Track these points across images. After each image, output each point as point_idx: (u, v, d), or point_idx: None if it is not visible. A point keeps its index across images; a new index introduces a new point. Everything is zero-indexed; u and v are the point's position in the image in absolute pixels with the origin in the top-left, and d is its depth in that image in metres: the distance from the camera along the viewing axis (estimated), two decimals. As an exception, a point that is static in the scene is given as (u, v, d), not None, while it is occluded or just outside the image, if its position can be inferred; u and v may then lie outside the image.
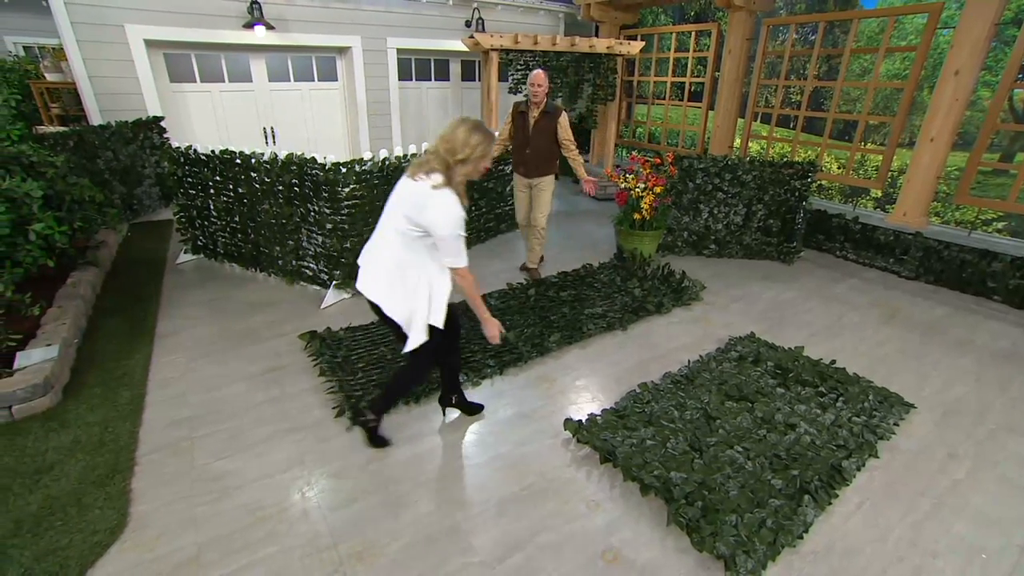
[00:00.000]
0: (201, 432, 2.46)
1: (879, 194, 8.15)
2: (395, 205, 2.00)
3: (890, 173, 5.32)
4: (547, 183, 4.05)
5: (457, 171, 1.92)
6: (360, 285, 2.11)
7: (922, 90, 6.67)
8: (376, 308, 2.09)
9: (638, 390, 2.78)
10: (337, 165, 3.49)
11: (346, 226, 3.63)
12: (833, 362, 3.09)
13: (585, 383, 2.93)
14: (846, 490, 2.18)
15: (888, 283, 4.53)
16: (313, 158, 3.56)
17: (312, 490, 2.14)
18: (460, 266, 1.98)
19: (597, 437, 2.35)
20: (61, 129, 5.25)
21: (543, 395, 2.81)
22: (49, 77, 6.11)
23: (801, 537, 1.93)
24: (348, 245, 3.68)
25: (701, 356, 3.12)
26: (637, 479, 2.11)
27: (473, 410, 2.61)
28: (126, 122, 5.33)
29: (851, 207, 5.46)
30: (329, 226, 3.65)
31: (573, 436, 2.43)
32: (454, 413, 2.63)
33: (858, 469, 2.27)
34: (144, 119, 5.49)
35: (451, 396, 2.56)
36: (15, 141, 3.81)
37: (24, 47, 8.50)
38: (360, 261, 2.14)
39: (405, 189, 1.97)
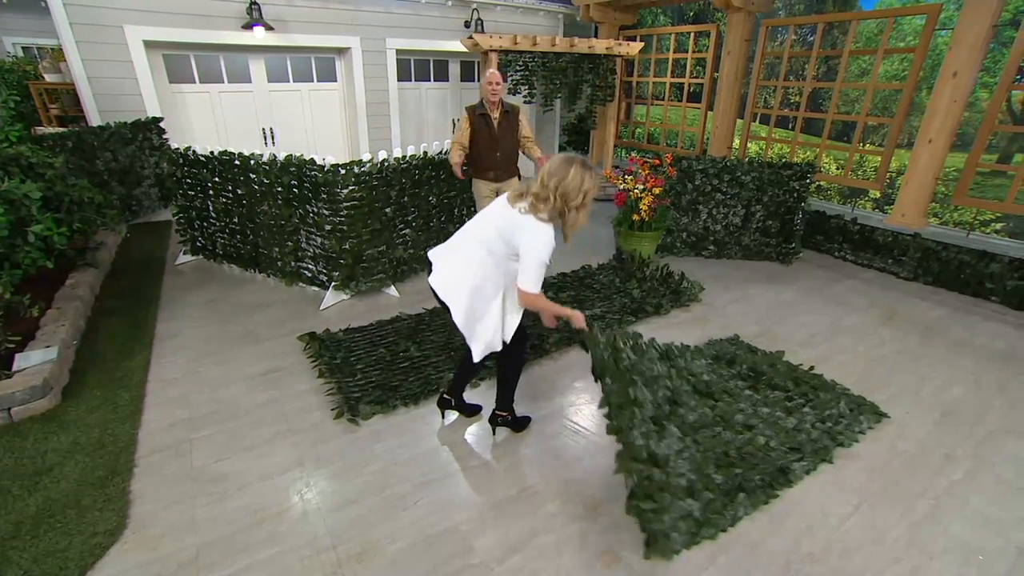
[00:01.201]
0: (201, 433, 2.46)
1: (878, 195, 8.16)
2: (488, 218, 2.02)
3: (889, 174, 5.34)
4: (515, 184, 4.02)
5: (570, 217, 1.89)
6: (433, 281, 2.11)
7: (921, 91, 6.68)
8: (445, 307, 2.11)
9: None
10: (336, 166, 3.49)
11: (345, 227, 3.63)
12: (812, 368, 3.03)
13: (583, 384, 2.93)
14: (789, 491, 2.17)
15: (886, 284, 4.54)
16: (312, 159, 3.56)
17: (311, 491, 2.14)
18: (532, 292, 1.92)
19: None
20: (60, 130, 5.25)
21: (542, 396, 2.82)
22: (48, 78, 6.11)
23: (725, 530, 1.96)
24: (347, 246, 3.69)
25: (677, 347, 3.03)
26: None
27: (471, 411, 2.62)
28: (125, 123, 5.32)
29: (850, 208, 5.47)
30: (328, 227, 3.66)
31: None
32: (452, 415, 2.63)
33: (807, 473, 2.25)
34: (143, 120, 5.48)
35: (451, 400, 2.56)
36: (14, 142, 3.80)
37: (23, 48, 8.49)
38: (432, 257, 2.15)
39: (504, 208, 1.96)
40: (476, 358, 2.11)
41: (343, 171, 3.50)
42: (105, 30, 5.20)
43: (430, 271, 2.14)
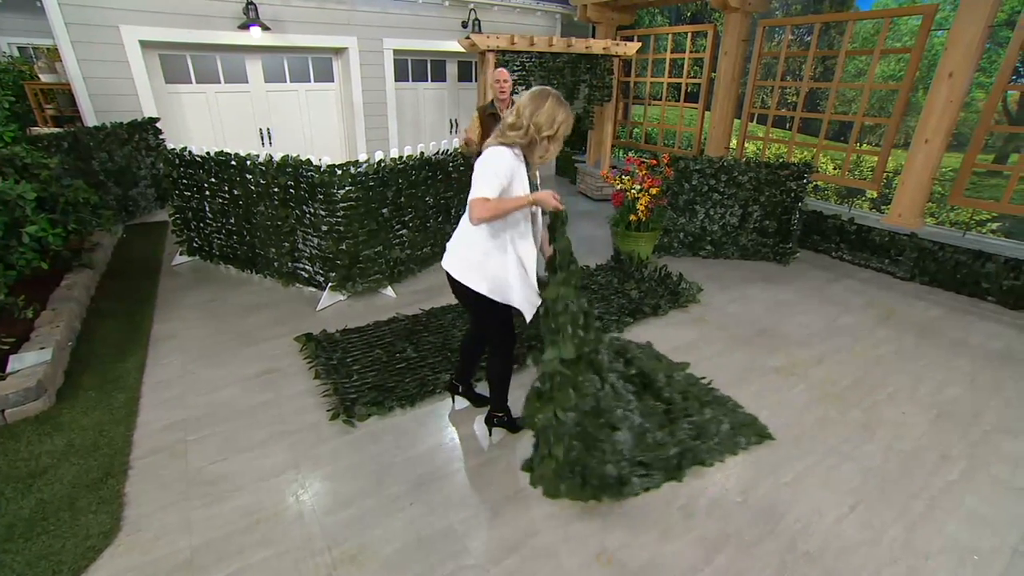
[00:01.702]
0: (196, 435, 2.45)
1: (875, 195, 8.18)
2: None
3: (885, 174, 5.34)
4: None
5: (540, 148, 1.88)
6: (445, 264, 2.13)
7: (917, 91, 6.69)
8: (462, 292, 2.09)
9: None
10: (332, 167, 3.48)
11: (341, 228, 3.63)
12: (710, 382, 2.92)
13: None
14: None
15: (883, 284, 4.55)
16: (308, 160, 3.55)
17: (307, 493, 2.13)
18: (481, 196, 1.79)
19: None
20: (55, 130, 5.23)
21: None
22: (43, 78, 6.09)
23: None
24: (344, 247, 3.68)
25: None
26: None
27: (481, 402, 2.64)
28: (121, 123, 5.31)
29: (847, 208, 5.48)
30: (324, 228, 3.65)
31: None
32: (462, 403, 2.67)
33: (645, 490, 2.15)
34: (139, 120, 5.47)
35: (459, 386, 2.61)
36: (8, 143, 3.80)
37: (19, 48, 8.47)
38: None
39: None
40: (528, 318, 2.06)
41: (339, 172, 3.50)
42: (100, 30, 5.19)
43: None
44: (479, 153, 3.90)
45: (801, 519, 2.06)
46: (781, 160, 4.95)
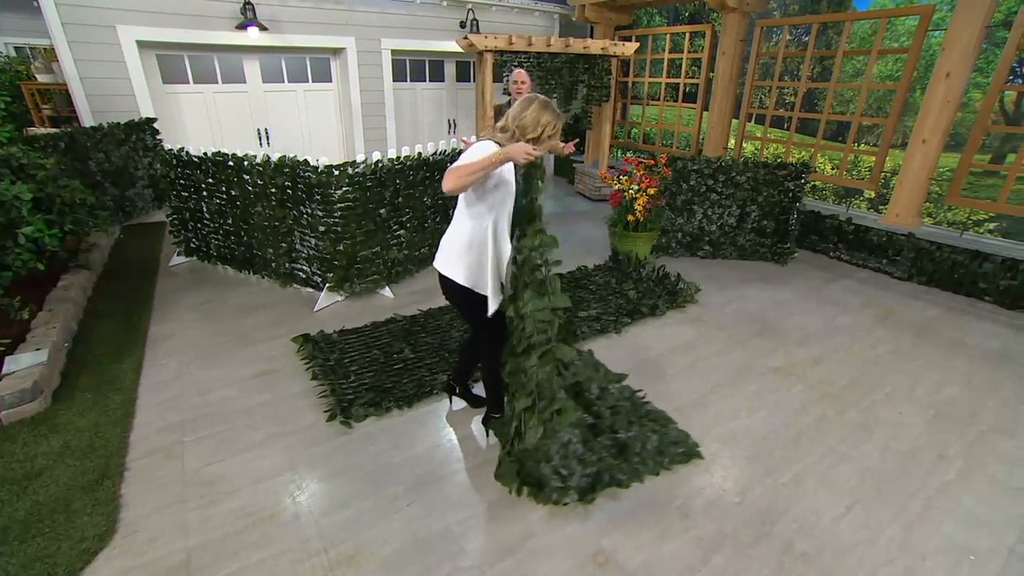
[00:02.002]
0: (192, 436, 2.45)
1: (872, 195, 8.19)
2: None
3: (883, 174, 5.35)
4: None
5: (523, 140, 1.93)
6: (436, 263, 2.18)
7: (914, 91, 6.71)
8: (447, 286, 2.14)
9: None
10: (330, 168, 3.47)
11: (339, 228, 3.62)
12: (644, 395, 2.80)
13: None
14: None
15: (881, 284, 4.55)
16: (305, 160, 3.54)
17: (303, 494, 2.13)
18: (451, 168, 1.83)
19: None
20: (52, 131, 5.22)
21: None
22: (40, 78, 6.08)
23: None
24: (341, 247, 3.67)
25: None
26: None
27: (478, 403, 2.65)
28: (118, 123, 5.29)
29: (844, 208, 5.48)
30: (322, 228, 3.64)
31: None
32: (460, 404, 2.68)
33: (556, 503, 2.07)
34: (137, 120, 5.46)
35: (456, 386, 2.63)
36: (4, 143, 3.78)
37: (15, 48, 8.45)
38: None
39: None
40: (491, 310, 2.09)
41: (337, 172, 3.49)
42: (97, 30, 5.18)
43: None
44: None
45: (798, 519, 2.06)
46: (779, 160, 4.95)
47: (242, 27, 5.68)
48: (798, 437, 2.55)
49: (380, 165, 3.74)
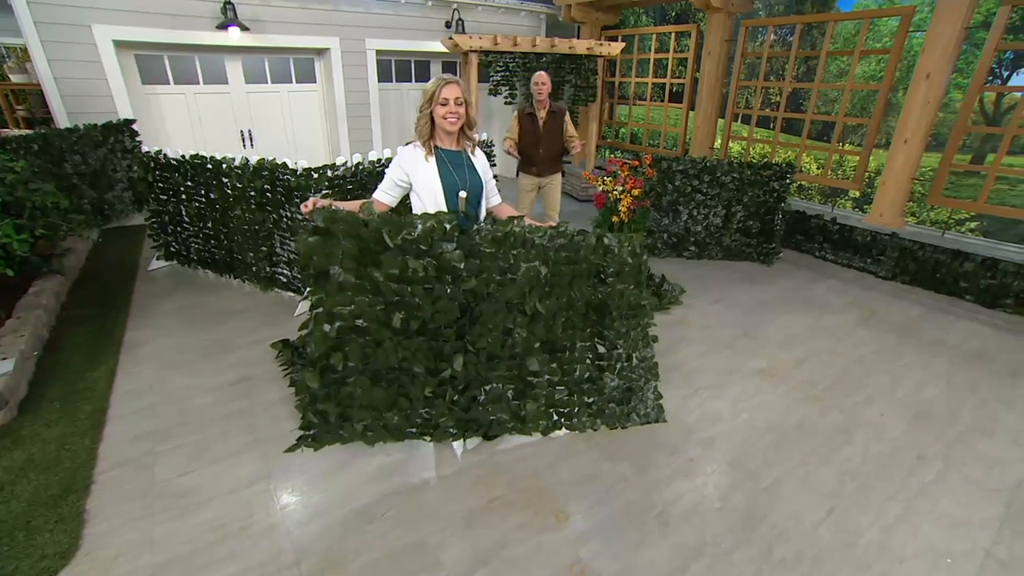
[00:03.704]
0: (165, 446, 2.39)
1: (857, 194, 8.25)
2: None
3: (867, 174, 5.38)
4: (557, 180, 4.35)
5: (426, 118, 2.09)
6: None
7: (897, 92, 6.76)
8: None
9: None
10: (308, 171, 3.42)
11: (319, 231, 3.56)
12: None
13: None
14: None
15: (866, 284, 4.58)
16: (284, 163, 3.49)
17: (277, 505, 2.08)
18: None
19: None
20: (25, 132, 5.09)
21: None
22: (13, 78, 5.94)
23: None
24: (322, 251, 3.61)
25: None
26: None
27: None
28: (95, 125, 5.18)
29: (830, 208, 5.51)
30: (302, 232, 3.58)
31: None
32: (475, 440, 2.50)
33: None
34: (115, 122, 5.35)
35: None
36: (-28, 146, 3.68)
37: (-8, 47, 8.26)
38: None
39: None
40: None
41: (316, 175, 3.44)
42: (72, 29, 5.07)
43: None
44: (521, 153, 3.92)
45: (778, 525, 2.05)
46: (765, 160, 4.96)
47: (223, 27, 5.59)
48: (780, 440, 2.54)
49: (360, 168, 3.69)
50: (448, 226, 1.92)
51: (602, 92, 7.41)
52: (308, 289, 1.82)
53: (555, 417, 2.43)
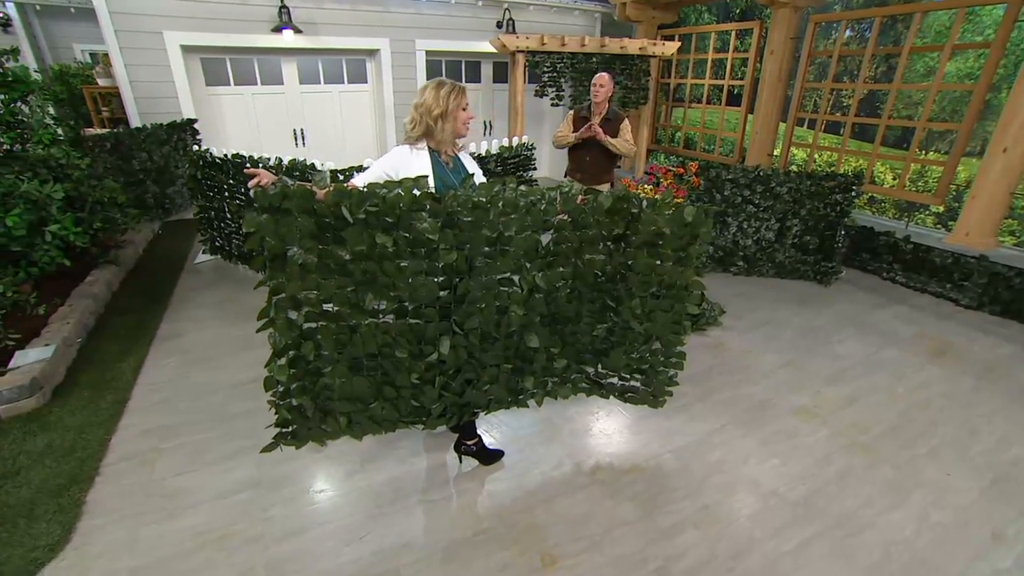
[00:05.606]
0: (170, 443, 2.44)
1: (941, 209, 7.32)
2: None
3: (954, 186, 4.73)
4: (605, 191, 3.95)
5: (439, 128, 1.92)
6: None
7: (999, 92, 5.91)
8: None
9: None
10: (335, 172, 3.43)
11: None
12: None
13: (581, 428, 2.70)
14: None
15: (942, 312, 4.00)
16: (313, 164, 3.53)
17: (260, 516, 2.05)
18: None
19: None
20: (101, 131, 5.54)
21: (537, 437, 2.62)
22: (100, 82, 6.49)
23: None
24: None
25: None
26: None
27: (491, 458, 2.35)
28: (161, 124, 5.55)
29: (903, 224, 4.90)
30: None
31: None
32: (471, 463, 2.35)
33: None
34: (178, 121, 5.71)
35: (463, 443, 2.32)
36: (48, 144, 4.02)
37: (91, 54, 9.14)
38: None
39: None
40: None
41: (342, 177, 3.44)
42: (146, 36, 5.45)
43: None
44: (571, 143, 3.68)
45: (799, 599, 1.76)
46: (830, 170, 4.47)
47: (277, 30, 5.82)
48: (814, 493, 2.21)
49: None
50: (417, 193, 1.72)
51: (656, 94, 7.05)
52: (265, 274, 1.69)
53: (549, 387, 2.18)
